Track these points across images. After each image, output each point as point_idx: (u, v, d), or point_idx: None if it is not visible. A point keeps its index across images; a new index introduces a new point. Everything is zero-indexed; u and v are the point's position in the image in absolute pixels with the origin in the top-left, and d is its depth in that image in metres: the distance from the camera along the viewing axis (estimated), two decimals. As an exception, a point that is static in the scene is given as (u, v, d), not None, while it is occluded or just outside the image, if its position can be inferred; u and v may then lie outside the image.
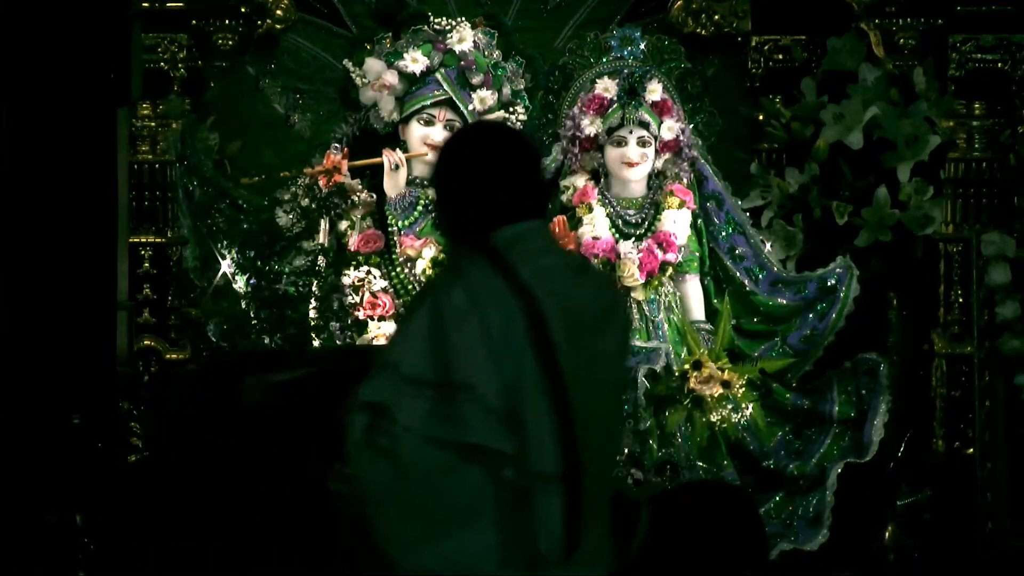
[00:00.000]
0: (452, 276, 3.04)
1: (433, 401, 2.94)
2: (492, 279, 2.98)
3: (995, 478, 5.53)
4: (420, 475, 2.93)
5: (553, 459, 2.93)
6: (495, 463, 2.94)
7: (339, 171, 5.39)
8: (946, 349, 5.62)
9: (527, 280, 2.97)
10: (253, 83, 6.01)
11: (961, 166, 5.68)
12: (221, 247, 5.50)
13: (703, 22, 5.99)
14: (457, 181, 3.09)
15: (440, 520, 2.93)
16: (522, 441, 2.93)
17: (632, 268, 5.45)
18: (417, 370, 2.95)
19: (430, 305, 2.99)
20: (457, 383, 2.93)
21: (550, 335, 2.94)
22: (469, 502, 2.94)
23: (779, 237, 5.71)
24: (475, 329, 2.94)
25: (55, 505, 4.27)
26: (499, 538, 2.93)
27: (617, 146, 5.51)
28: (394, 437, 2.93)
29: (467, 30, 5.54)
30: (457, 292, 2.98)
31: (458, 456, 2.93)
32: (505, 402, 2.92)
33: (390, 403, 2.94)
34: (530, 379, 2.94)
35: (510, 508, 2.94)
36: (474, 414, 2.94)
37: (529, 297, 2.95)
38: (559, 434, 2.94)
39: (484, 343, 2.94)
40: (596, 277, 3.21)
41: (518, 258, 3.00)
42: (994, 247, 5.52)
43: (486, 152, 3.09)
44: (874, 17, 5.75)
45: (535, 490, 2.93)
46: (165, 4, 5.61)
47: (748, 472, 5.31)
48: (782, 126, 5.82)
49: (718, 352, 5.40)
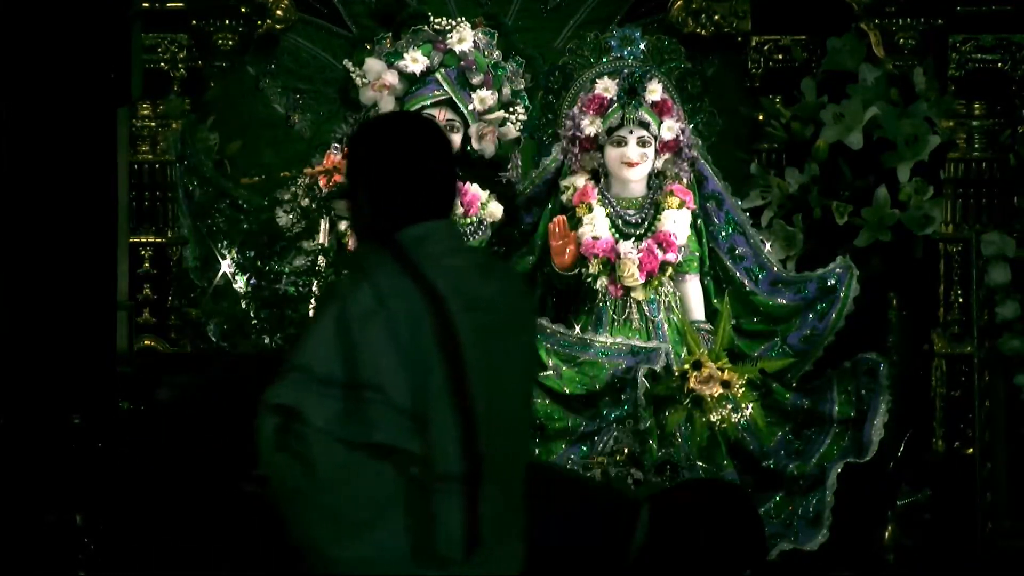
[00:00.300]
0: (358, 275, 3.03)
1: (342, 401, 2.95)
2: (398, 279, 2.99)
3: (995, 478, 5.53)
4: (331, 475, 2.94)
5: (456, 460, 2.95)
6: (404, 462, 2.96)
7: (339, 171, 5.39)
8: (946, 349, 5.62)
9: (433, 280, 2.98)
10: (253, 83, 6.02)
11: (961, 166, 5.69)
12: (221, 247, 5.50)
13: (703, 22, 5.99)
14: (368, 175, 3.08)
15: (352, 519, 2.95)
16: (427, 441, 2.95)
17: (632, 268, 5.45)
18: (326, 371, 2.96)
19: (337, 305, 2.99)
20: (365, 383, 2.95)
21: (457, 336, 2.96)
22: (381, 501, 2.96)
23: (779, 237, 5.71)
24: (382, 329, 2.95)
25: (55, 505, 4.27)
26: (410, 536, 2.96)
27: (617, 146, 5.51)
28: (304, 438, 2.94)
29: (467, 30, 5.54)
30: (364, 292, 2.98)
31: (368, 456, 2.95)
32: (412, 402, 2.95)
33: (299, 404, 2.95)
34: (436, 380, 2.96)
35: (420, 507, 2.96)
36: (383, 414, 2.95)
37: (435, 297, 2.97)
38: (463, 435, 2.96)
39: (391, 343, 2.95)
40: (503, 275, 3.21)
41: (424, 258, 3.01)
42: (994, 247, 5.52)
43: (398, 146, 3.08)
44: (874, 17, 5.75)
45: (436, 490, 2.95)
46: (165, 4, 5.62)
47: (748, 472, 5.31)
48: (782, 126, 5.82)
49: (718, 352, 5.40)
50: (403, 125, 3.19)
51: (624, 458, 5.16)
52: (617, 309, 5.51)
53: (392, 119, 3.37)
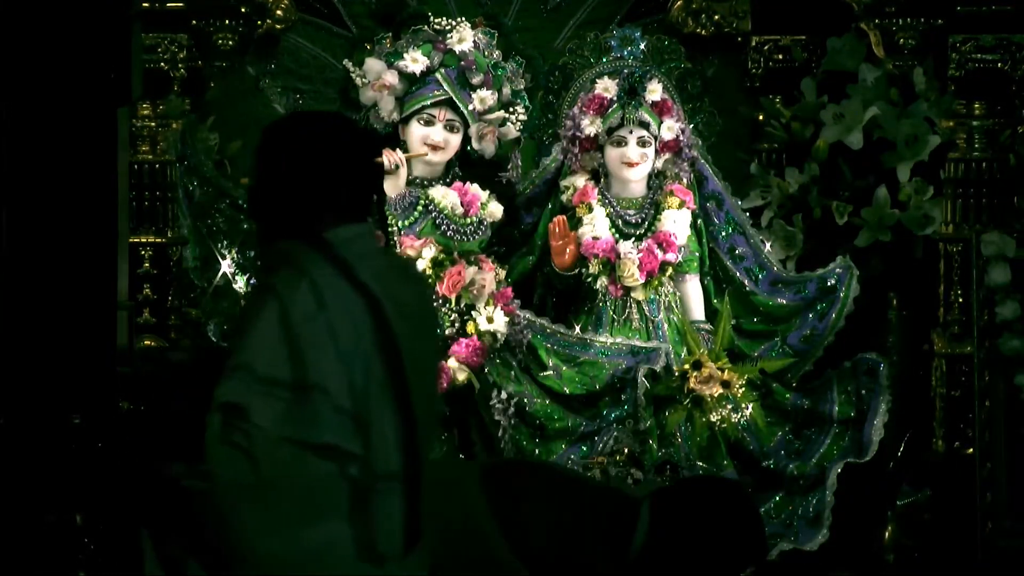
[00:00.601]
0: (295, 274, 3.04)
1: (286, 402, 2.99)
2: (335, 280, 3.01)
3: (995, 478, 5.53)
4: (274, 472, 2.98)
5: (396, 459, 3.01)
6: (345, 462, 3.00)
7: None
8: (946, 349, 5.62)
9: (367, 281, 3.01)
10: (253, 83, 6.01)
11: (961, 166, 5.68)
12: (221, 247, 5.50)
13: (703, 22, 5.99)
14: (292, 173, 3.09)
15: (294, 516, 2.98)
16: (367, 441, 2.99)
17: (632, 268, 5.45)
18: (270, 371, 2.99)
19: (277, 304, 3.01)
20: (310, 384, 2.98)
21: (396, 340, 3.01)
22: (322, 500, 3.00)
23: (779, 237, 5.71)
24: (324, 331, 2.99)
25: (55, 505, 4.27)
26: (351, 534, 3.00)
27: (617, 146, 5.51)
28: (248, 435, 2.98)
29: (467, 30, 5.54)
30: (304, 292, 3.01)
31: (311, 455, 2.99)
32: (354, 404, 2.98)
33: (245, 403, 2.98)
34: (376, 380, 3.01)
35: (360, 505, 3.00)
36: (326, 415, 2.99)
37: (371, 298, 3.00)
38: (403, 435, 3.02)
39: (333, 344, 2.99)
40: (416, 278, 3.32)
41: (356, 259, 3.03)
42: (994, 247, 5.52)
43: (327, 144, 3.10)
44: (874, 17, 5.75)
45: (376, 489, 3.00)
46: (165, 4, 5.62)
47: (748, 472, 5.31)
48: (782, 126, 5.82)
49: (718, 352, 5.40)
50: (326, 124, 3.21)
51: (624, 458, 5.16)
52: (617, 309, 5.51)
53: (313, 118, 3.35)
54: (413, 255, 5.36)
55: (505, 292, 5.41)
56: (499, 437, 5.28)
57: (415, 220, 5.40)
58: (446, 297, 5.33)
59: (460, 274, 5.32)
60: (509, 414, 5.30)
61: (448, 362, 5.30)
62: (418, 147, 5.47)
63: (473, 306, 5.36)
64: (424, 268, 5.34)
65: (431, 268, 5.33)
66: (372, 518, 2.99)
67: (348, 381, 2.99)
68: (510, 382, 5.35)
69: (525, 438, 5.31)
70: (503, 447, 5.28)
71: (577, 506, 3.53)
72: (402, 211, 5.40)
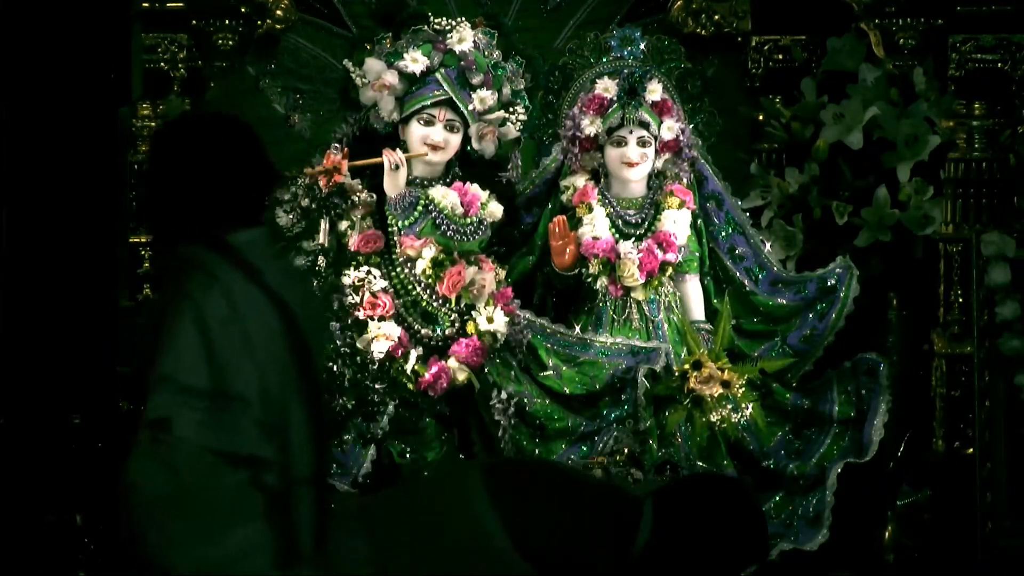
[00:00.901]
0: (205, 278, 3.04)
1: (207, 412, 3.01)
2: (246, 286, 3.02)
3: (995, 478, 5.53)
4: (194, 481, 3.00)
5: (308, 464, 3.05)
6: (261, 469, 3.03)
7: (339, 171, 5.38)
8: (946, 349, 5.62)
9: (274, 286, 3.02)
10: (253, 83, 6.01)
11: (961, 166, 5.68)
12: (221, 247, 5.50)
13: (703, 22, 5.99)
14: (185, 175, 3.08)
15: (213, 524, 3.00)
16: (283, 447, 3.03)
17: (632, 268, 5.45)
18: (191, 380, 3.01)
19: (192, 310, 3.01)
20: (230, 394, 3.01)
21: (305, 341, 3.04)
22: (241, 507, 3.03)
23: (779, 237, 5.71)
24: (240, 338, 3.01)
25: (55, 505, 4.28)
26: (268, 539, 3.03)
27: (617, 146, 5.51)
28: (170, 446, 3.00)
29: (467, 30, 5.53)
30: (216, 297, 3.02)
31: (229, 463, 3.01)
32: (270, 410, 3.01)
33: (168, 415, 3.01)
34: (291, 387, 3.04)
35: (276, 511, 3.03)
36: (245, 424, 3.02)
37: (281, 304, 3.01)
38: (314, 440, 3.06)
39: (249, 353, 3.01)
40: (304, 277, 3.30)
41: (261, 263, 3.03)
42: (994, 247, 5.52)
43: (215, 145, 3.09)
44: (874, 17, 5.75)
45: (293, 494, 3.03)
46: (165, 4, 5.61)
47: (748, 472, 5.31)
48: (782, 126, 5.82)
49: (718, 352, 5.40)
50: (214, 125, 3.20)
51: (624, 458, 5.16)
52: (617, 309, 5.51)
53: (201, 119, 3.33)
54: (413, 255, 5.36)
55: (505, 292, 5.41)
56: (499, 437, 5.28)
57: (415, 220, 5.40)
58: (446, 297, 5.34)
59: (460, 274, 5.32)
60: (509, 414, 5.30)
61: (448, 362, 5.30)
62: (418, 147, 5.46)
63: (473, 306, 5.36)
64: (424, 268, 5.34)
65: (431, 268, 5.33)
66: (290, 521, 3.02)
67: (264, 388, 3.01)
68: (510, 382, 5.35)
69: (525, 438, 5.31)
70: (503, 447, 5.28)
71: (579, 505, 3.53)
72: (402, 211, 5.40)
